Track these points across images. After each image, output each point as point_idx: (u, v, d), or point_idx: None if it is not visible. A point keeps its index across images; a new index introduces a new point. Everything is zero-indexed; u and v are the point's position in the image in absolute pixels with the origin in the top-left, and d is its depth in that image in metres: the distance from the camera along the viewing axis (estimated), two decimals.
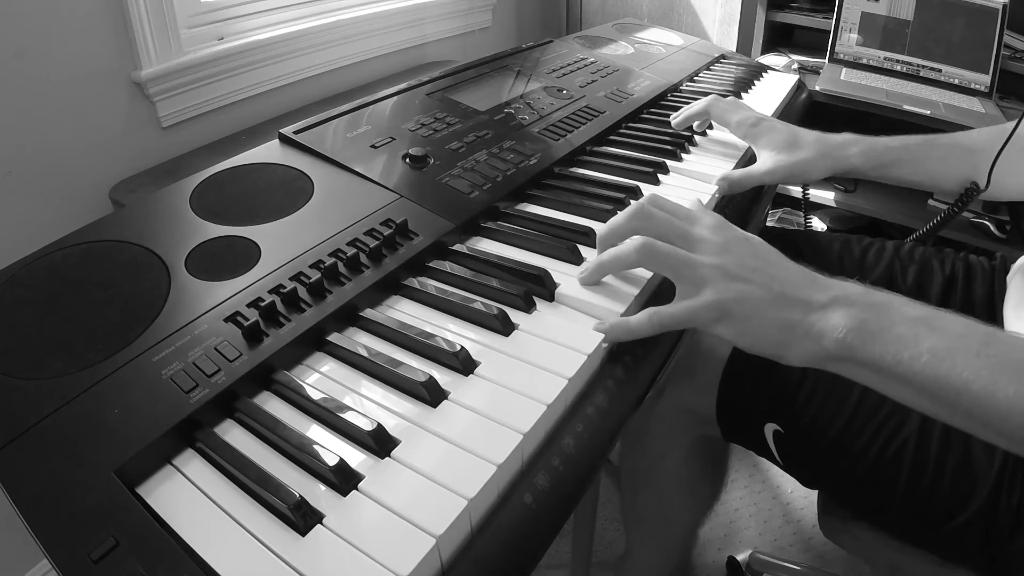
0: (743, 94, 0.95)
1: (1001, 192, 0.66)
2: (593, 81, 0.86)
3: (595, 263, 0.48)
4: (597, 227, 0.51)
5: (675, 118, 0.78)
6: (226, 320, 0.41)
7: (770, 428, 0.59)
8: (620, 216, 0.48)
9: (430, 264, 0.50)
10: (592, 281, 0.49)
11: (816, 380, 0.57)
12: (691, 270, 0.44)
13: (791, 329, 0.42)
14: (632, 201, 0.60)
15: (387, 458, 0.34)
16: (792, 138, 0.68)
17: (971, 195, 0.68)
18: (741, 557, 1.03)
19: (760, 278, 0.43)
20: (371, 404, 0.38)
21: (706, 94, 0.91)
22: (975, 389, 0.37)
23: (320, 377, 0.40)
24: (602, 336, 0.43)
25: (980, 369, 0.37)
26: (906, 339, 0.39)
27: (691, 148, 0.75)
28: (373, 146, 0.61)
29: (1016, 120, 0.63)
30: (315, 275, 0.44)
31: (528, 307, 0.45)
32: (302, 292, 0.43)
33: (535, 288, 0.47)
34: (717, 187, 0.65)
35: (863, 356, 0.40)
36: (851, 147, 0.67)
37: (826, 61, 1.44)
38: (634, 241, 0.45)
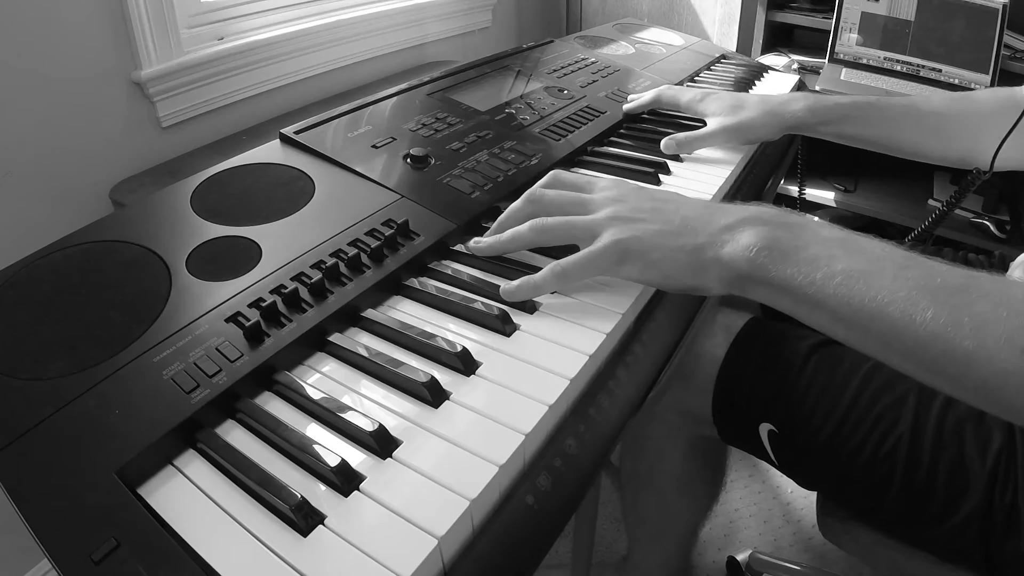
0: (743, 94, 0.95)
1: (999, 164, 0.66)
2: (594, 81, 0.86)
3: (493, 239, 0.49)
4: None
5: (626, 105, 0.79)
6: (227, 320, 0.41)
7: (765, 428, 0.59)
8: (515, 203, 0.50)
9: (431, 264, 0.50)
10: (488, 254, 0.49)
11: (810, 379, 0.57)
12: (586, 227, 0.45)
13: (698, 254, 0.41)
14: None
15: (388, 459, 0.34)
16: (737, 102, 0.71)
17: (974, 181, 0.67)
18: (741, 557, 1.03)
19: (658, 216, 0.44)
20: (372, 404, 0.38)
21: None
22: (891, 313, 0.35)
23: (321, 377, 0.40)
24: (602, 337, 0.43)
25: (897, 291, 0.35)
26: (820, 259, 0.37)
27: None
28: (374, 146, 0.61)
29: None
30: (316, 275, 0.44)
31: (529, 307, 0.45)
32: (303, 292, 0.43)
33: None
34: (663, 147, 0.69)
35: (775, 276, 0.38)
36: (796, 103, 0.69)
37: (826, 61, 1.44)
38: (527, 222, 0.47)
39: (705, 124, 0.79)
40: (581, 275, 0.44)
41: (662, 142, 0.70)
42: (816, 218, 0.40)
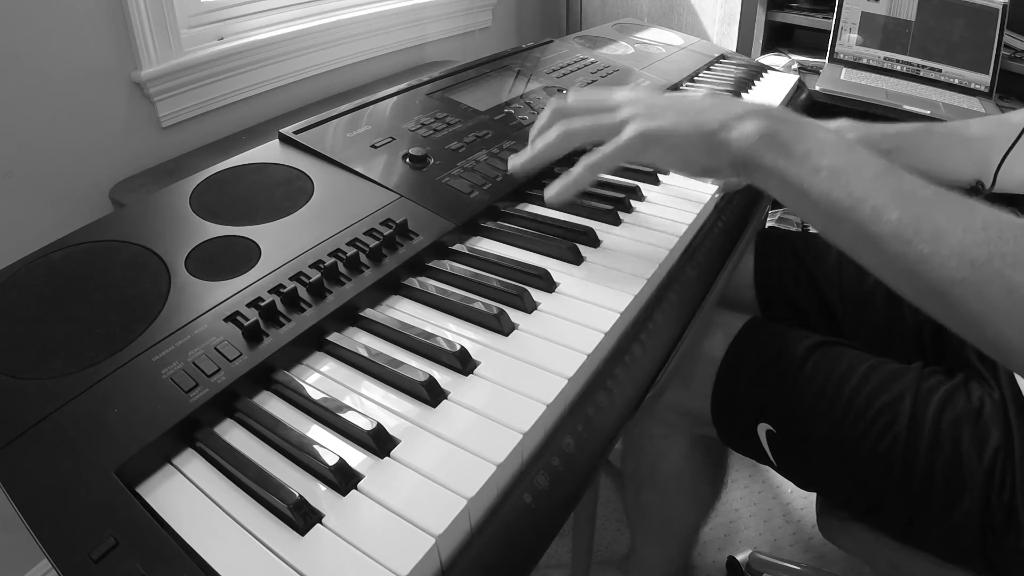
0: (743, 94, 0.95)
1: (1006, 184, 0.65)
2: (593, 81, 0.86)
3: (527, 155, 0.52)
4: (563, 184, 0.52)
5: None
6: (226, 320, 0.41)
7: (763, 428, 0.59)
8: (541, 116, 0.53)
9: (430, 264, 0.50)
10: (528, 168, 0.52)
11: (807, 379, 0.57)
12: (611, 125, 0.49)
13: (711, 137, 0.46)
14: (632, 201, 0.61)
15: (387, 458, 0.34)
16: None
17: (975, 194, 0.67)
18: (741, 557, 1.03)
19: (674, 110, 0.48)
20: (371, 404, 0.38)
21: None
22: (863, 209, 0.39)
23: (320, 377, 0.40)
24: (601, 336, 0.43)
25: (871, 191, 0.39)
26: (810, 154, 0.42)
27: None
28: (373, 146, 0.61)
29: None
30: (315, 275, 0.44)
31: (528, 307, 0.45)
32: (302, 292, 0.43)
33: (535, 287, 0.47)
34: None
35: (770, 163, 0.43)
36: (847, 135, 0.65)
37: (826, 61, 1.44)
38: (556, 127, 0.50)
39: None
40: (611, 163, 0.48)
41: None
42: (818, 121, 0.45)
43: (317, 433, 0.36)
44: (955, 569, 0.55)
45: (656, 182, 0.66)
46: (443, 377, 0.39)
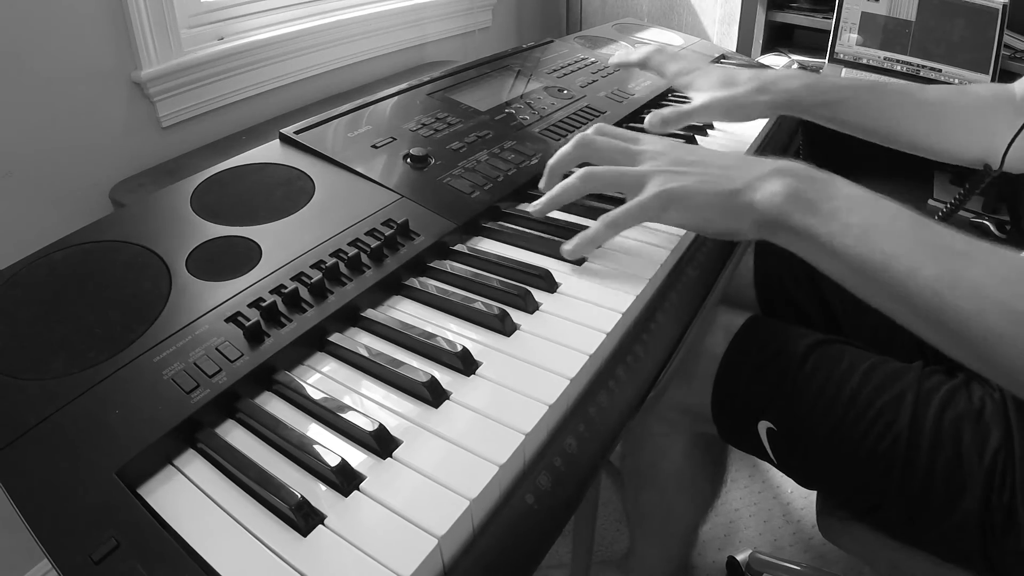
0: None
1: (1014, 165, 0.63)
2: (594, 81, 0.86)
3: (546, 197, 0.51)
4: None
5: (613, 59, 0.79)
6: (227, 320, 0.41)
7: (763, 426, 0.59)
8: (565, 147, 0.52)
9: (431, 264, 0.50)
10: (548, 210, 0.52)
11: (808, 377, 0.57)
12: (634, 178, 0.48)
13: (733, 199, 0.44)
14: None
15: (389, 458, 0.34)
16: (728, 78, 0.67)
17: (982, 178, 0.65)
18: (741, 557, 1.03)
19: (698, 167, 0.47)
20: (372, 404, 0.38)
21: None
22: (896, 267, 0.38)
23: (321, 377, 0.40)
24: (603, 336, 0.43)
25: (903, 246, 0.38)
26: (839, 212, 0.41)
27: None
28: (374, 146, 0.61)
29: None
30: (316, 275, 0.44)
31: (529, 307, 0.45)
32: (303, 292, 0.43)
33: (536, 288, 0.47)
34: (647, 124, 0.65)
35: (797, 224, 0.42)
36: (792, 80, 0.65)
37: (826, 61, 1.44)
38: (577, 172, 0.49)
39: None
40: (631, 222, 0.48)
41: (646, 120, 0.66)
42: (840, 176, 0.43)
43: (318, 434, 0.36)
44: (955, 569, 0.55)
45: None
46: (445, 377, 0.39)
